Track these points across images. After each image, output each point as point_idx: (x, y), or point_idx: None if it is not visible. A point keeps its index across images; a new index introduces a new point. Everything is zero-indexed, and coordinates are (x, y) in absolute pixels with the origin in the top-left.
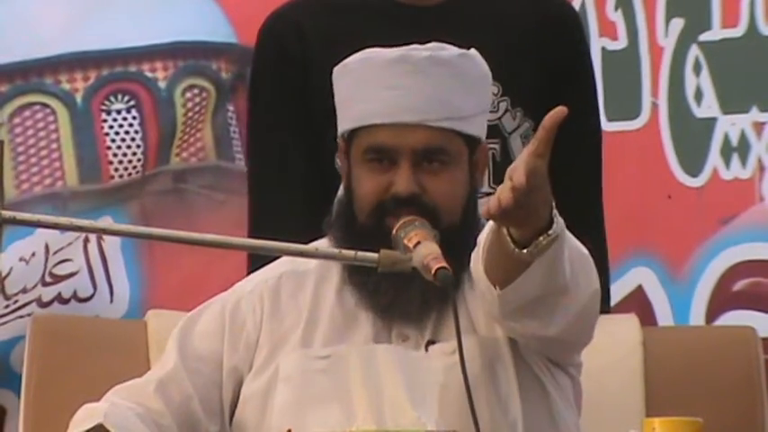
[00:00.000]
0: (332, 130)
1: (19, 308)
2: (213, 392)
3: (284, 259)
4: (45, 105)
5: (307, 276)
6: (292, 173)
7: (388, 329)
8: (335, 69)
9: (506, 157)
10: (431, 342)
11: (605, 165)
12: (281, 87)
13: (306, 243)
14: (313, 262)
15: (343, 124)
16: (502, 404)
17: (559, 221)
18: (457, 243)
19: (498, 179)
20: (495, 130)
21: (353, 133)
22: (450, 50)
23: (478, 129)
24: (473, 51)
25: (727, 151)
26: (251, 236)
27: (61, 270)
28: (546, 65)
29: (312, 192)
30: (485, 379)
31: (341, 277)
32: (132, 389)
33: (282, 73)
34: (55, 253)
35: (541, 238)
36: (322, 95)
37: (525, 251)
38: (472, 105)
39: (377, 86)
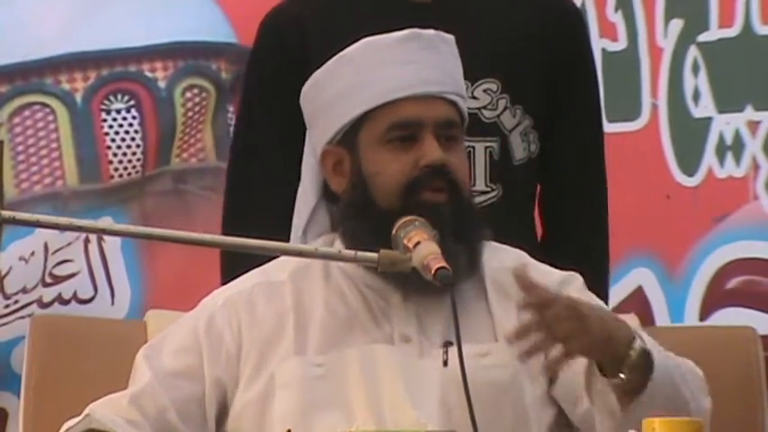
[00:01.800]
0: None
1: (19, 308)
2: (192, 406)
3: (254, 272)
4: (44, 105)
5: (282, 286)
6: (286, 167)
7: (388, 333)
8: (331, 66)
9: (506, 155)
10: (448, 343)
11: (606, 165)
12: (278, 81)
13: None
14: (285, 273)
15: (354, 109)
16: (524, 419)
17: (642, 336)
18: (469, 222)
19: (496, 178)
20: (494, 128)
21: (367, 116)
22: (445, 33)
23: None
24: None
25: (721, 150)
26: (226, 228)
27: (61, 270)
28: (546, 61)
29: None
30: (511, 389)
31: (327, 281)
32: (108, 403)
33: (282, 66)
34: (54, 252)
35: (631, 353)
36: None
37: (621, 375)
38: (463, 88)
39: (393, 63)
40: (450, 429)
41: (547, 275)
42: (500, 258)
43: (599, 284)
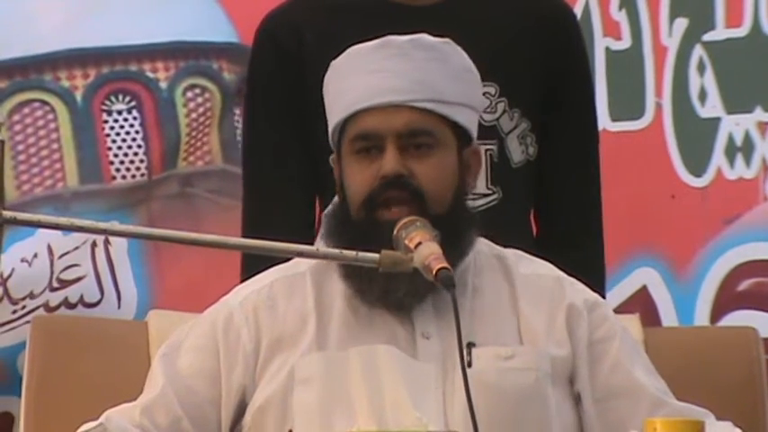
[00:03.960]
0: (327, 129)
1: (26, 313)
2: (208, 409)
3: (273, 269)
4: (44, 103)
5: (302, 278)
6: (289, 171)
7: (410, 329)
8: (326, 76)
9: (503, 158)
10: (471, 345)
11: (609, 165)
12: (277, 86)
13: (304, 240)
14: (305, 265)
15: (332, 122)
16: (547, 422)
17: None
18: (447, 233)
19: (496, 180)
20: (492, 131)
21: (343, 128)
22: (432, 38)
23: (466, 120)
24: (453, 43)
25: (731, 151)
26: (245, 233)
27: (68, 275)
28: (543, 65)
29: (308, 190)
30: (535, 393)
31: (343, 282)
32: (121, 412)
33: (279, 72)
34: (61, 257)
35: None
36: (318, 94)
37: None
38: (456, 92)
39: (360, 73)
40: (451, 430)
41: (580, 293)
42: (531, 266)
43: (593, 283)
